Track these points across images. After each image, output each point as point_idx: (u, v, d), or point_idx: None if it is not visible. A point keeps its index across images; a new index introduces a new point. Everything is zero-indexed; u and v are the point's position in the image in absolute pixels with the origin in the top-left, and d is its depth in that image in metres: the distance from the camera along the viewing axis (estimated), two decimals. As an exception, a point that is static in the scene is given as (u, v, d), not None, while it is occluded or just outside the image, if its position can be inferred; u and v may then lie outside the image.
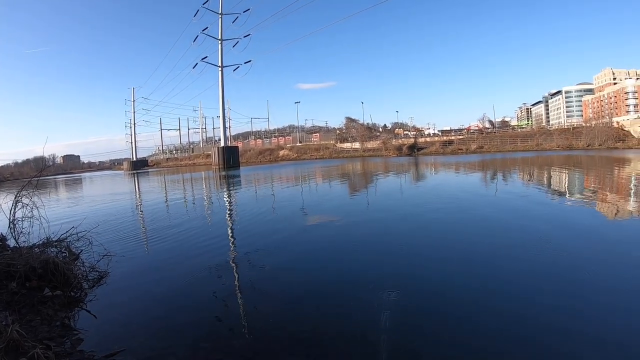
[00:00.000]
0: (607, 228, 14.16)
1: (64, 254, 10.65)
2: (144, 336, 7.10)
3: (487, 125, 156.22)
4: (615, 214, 16.74)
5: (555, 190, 25.68)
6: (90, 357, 6.29)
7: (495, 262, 10.47)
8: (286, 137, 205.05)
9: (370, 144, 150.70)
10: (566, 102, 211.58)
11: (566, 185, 28.31)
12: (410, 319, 7.29)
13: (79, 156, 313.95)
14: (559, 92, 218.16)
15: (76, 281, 9.52)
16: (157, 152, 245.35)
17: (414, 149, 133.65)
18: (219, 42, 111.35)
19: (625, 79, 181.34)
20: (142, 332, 7.25)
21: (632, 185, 25.93)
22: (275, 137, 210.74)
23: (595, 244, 11.82)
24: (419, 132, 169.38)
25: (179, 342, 6.81)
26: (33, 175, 12.78)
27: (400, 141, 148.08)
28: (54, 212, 25.16)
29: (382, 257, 11.44)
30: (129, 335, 7.10)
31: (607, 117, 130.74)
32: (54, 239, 11.15)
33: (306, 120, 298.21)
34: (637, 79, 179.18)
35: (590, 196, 21.69)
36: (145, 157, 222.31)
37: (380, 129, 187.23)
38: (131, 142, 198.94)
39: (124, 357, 6.34)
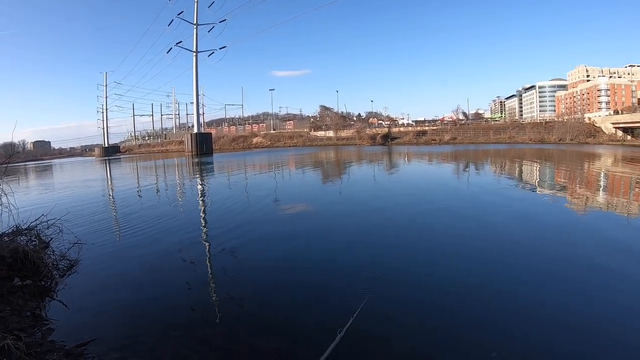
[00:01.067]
0: (565, 220, 14.64)
1: (33, 242, 10.55)
2: (115, 325, 7.14)
3: (461, 117, 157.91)
4: (576, 204, 17.77)
5: (515, 179, 26.05)
6: (61, 347, 6.30)
7: (460, 251, 10.60)
8: (260, 125, 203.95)
9: (344, 133, 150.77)
10: (539, 97, 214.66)
11: (530, 176, 28.78)
12: (382, 306, 7.47)
13: (49, 142, 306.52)
14: (532, 86, 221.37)
15: (46, 270, 9.42)
16: (129, 138, 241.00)
17: (387, 139, 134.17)
18: (194, 26, 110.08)
19: (599, 76, 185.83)
20: (114, 321, 7.29)
21: (591, 176, 26.56)
22: (249, 124, 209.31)
23: (550, 233, 12.38)
24: (393, 122, 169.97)
25: (150, 331, 6.88)
26: (1, 162, 12.53)
27: (374, 130, 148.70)
28: (24, 199, 24.62)
29: (354, 245, 11.65)
30: (100, 325, 7.13)
31: (579, 113, 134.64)
32: (23, 227, 11.02)
33: (280, 107, 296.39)
34: (610, 77, 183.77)
35: (552, 188, 22.26)
36: (117, 144, 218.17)
37: (355, 118, 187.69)
38: (103, 128, 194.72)
39: (95, 347, 6.36)
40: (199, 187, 30.50)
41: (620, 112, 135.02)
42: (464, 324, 6.89)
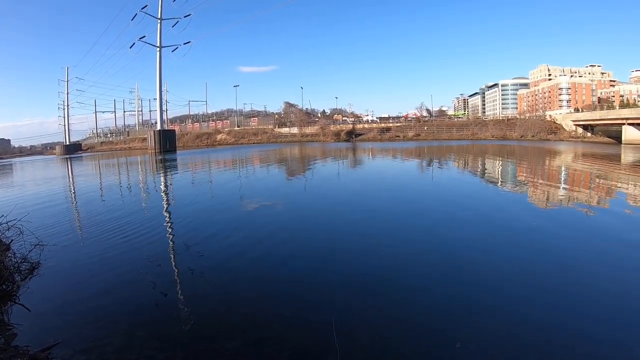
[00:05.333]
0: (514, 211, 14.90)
1: (-7, 245, 10.36)
2: (79, 327, 7.18)
3: (425, 113, 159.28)
4: (528, 196, 18.07)
5: (478, 176, 26.54)
6: (25, 352, 6.31)
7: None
8: (224, 121, 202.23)
9: (309, 129, 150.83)
10: (502, 95, 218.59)
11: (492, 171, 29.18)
12: (350, 299, 7.62)
13: (9, 140, 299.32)
14: (495, 84, 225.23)
15: (7, 273, 9.30)
16: (91, 135, 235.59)
17: (352, 135, 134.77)
18: (158, 21, 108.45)
19: (560, 75, 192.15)
20: (78, 323, 7.32)
21: (538, 169, 27.21)
22: (213, 121, 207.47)
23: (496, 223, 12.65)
24: (358, 118, 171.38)
25: (115, 332, 6.98)
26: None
27: (338, 127, 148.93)
28: (-19, 200, 24.20)
29: (317, 243, 11.83)
30: (65, 327, 7.15)
31: (541, 111, 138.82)
32: (-19, 230, 10.85)
33: (245, 104, 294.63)
34: (571, 76, 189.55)
35: (496, 180, 22.76)
36: (78, 141, 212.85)
37: (319, 115, 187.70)
38: (64, 125, 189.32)
39: (60, 350, 6.43)
40: (163, 185, 30.26)
41: (580, 110, 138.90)
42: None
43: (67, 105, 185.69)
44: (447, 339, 6.48)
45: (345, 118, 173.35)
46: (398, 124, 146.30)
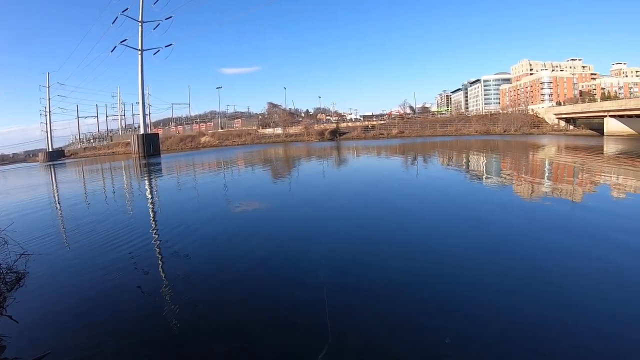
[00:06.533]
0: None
1: (-23, 256, 10.26)
2: (69, 337, 7.14)
3: (408, 110, 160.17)
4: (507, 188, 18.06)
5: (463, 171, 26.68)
6: (15, 364, 6.22)
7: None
8: (208, 123, 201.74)
9: (293, 129, 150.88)
10: (484, 90, 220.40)
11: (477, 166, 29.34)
12: (340, 299, 7.63)
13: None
14: (478, 80, 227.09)
15: (-7, 285, 9.19)
16: (74, 141, 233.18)
17: (336, 134, 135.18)
18: (139, 24, 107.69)
19: (542, 70, 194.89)
20: (67, 333, 7.28)
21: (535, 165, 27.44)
22: (196, 123, 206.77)
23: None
24: (341, 117, 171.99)
25: (105, 340, 6.96)
26: None
27: (322, 126, 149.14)
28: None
29: (304, 243, 11.84)
30: (54, 338, 7.10)
31: (523, 105, 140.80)
32: (-35, 241, 10.74)
33: (228, 106, 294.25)
34: (553, 70, 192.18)
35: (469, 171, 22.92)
36: (61, 147, 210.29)
37: (303, 114, 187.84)
38: (47, 132, 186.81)
39: (50, 361, 6.29)
40: (148, 190, 30.10)
41: (562, 103, 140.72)
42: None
43: (49, 112, 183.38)
44: (435, 334, 6.53)
45: (329, 117, 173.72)
46: (382, 122, 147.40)
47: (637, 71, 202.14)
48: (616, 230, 12.00)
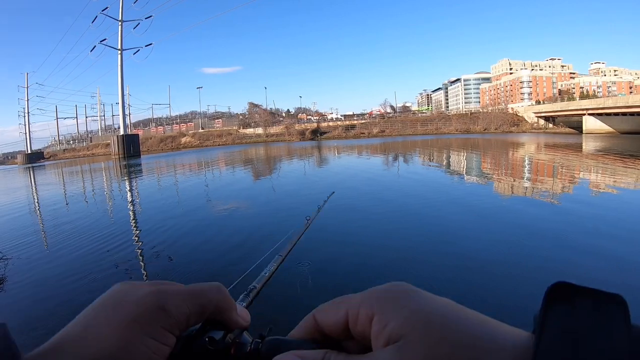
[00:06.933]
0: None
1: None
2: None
3: (389, 110, 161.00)
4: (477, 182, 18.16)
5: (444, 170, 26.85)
6: (-5, 372, 6.05)
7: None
8: (188, 124, 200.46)
9: (274, 129, 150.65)
10: (465, 89, 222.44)
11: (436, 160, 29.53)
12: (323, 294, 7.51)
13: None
14: (458, 79, 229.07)
15: (-29, 291, 8.96)
16: (53, 143, 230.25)
17: (317, 134, 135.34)
18: (119, 23, 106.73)
19: (521, 69, 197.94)
20: (48, 338, 7.00)
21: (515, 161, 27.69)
22: (177, 123, 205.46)
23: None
24: (322, 116, 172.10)
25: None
26: None
27: (303, 126, 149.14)
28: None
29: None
30: (35, 344, 6.53)
31: (503, 104, 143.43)
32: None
33: (208, 106, 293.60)
34: (532, 69, 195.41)
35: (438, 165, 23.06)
36: (41, 149, 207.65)
37: (284, 114, 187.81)
38: (25, 133, 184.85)
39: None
40: (129, 192, 29.79)
41: (542, 102, 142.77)
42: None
43: (28, 113, 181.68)
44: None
45: (310, 117, 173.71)
46: (362, 121, 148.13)
47: (615, 70, 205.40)
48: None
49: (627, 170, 24.11)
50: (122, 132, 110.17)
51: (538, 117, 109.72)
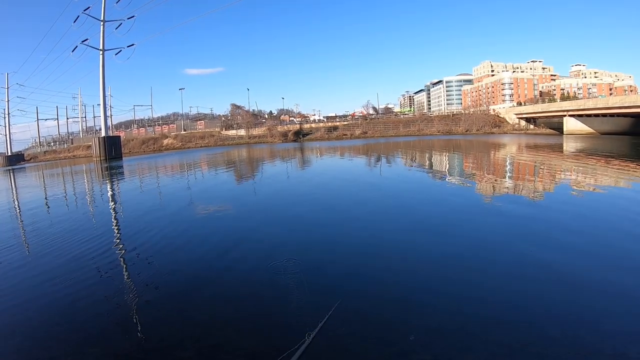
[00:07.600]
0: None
1: None
2: (28, 348, 6.84)
3: (371, 111, 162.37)
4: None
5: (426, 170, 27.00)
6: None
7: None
8: (170, 125, 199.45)
9: (256, 131, 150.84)
10: (447, 91, 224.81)
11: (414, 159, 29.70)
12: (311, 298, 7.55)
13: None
14: (440, 81, 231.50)
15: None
16: (34, 144, 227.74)
17: (299, 135, 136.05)
18: (101, 23, 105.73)
19: (503, 71, 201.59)
20: (26, 345, 6.98)
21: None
22: (159, 125, 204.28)
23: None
24: (305, 118, 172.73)
25: (66, 351, 6.64)
26: None
27: (285, 127, 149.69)
28: None
29: (272, 247, 11.68)
30: (13, 350, 6.83)
31: (485, 106, 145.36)
32: None
33: (191, 107, 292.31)
34: (514, 71, 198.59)
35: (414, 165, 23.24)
36: (21, 151, 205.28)
37: (266, 116, 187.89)
38: (6, 135, 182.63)
39: (7, 371, 6.12)
40: (110, 194, 29.59)
41: (523, 103, 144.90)
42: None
43: (8, 114, 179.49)
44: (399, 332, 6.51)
45: (293, 118, 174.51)
46: (345, 123, 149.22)
47: (595, 72, 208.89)
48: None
49: (608, 170, 24.52)
50: (103, 133, 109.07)
51: (519, 118, 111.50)
